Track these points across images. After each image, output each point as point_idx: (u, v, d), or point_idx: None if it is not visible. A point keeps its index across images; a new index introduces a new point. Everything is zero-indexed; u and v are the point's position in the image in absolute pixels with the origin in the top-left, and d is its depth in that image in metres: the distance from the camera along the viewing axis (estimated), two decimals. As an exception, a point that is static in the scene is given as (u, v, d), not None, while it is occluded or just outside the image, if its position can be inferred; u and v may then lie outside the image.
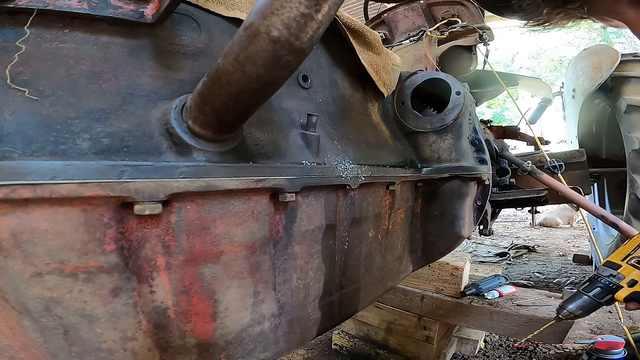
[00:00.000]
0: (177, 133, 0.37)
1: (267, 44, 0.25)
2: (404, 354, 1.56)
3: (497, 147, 1.24)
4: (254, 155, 0.44)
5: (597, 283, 0.61)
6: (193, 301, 0.41)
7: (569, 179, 1.63)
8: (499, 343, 1.79)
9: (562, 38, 11.48)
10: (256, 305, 0.47)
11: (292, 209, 0.49)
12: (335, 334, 1.74)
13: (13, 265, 0.31)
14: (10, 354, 0.36)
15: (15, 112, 0.32)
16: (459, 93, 0.85)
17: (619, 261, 0.61)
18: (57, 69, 0.36)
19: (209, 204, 0.39)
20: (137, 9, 0.40)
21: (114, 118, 0.36)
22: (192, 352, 0.43)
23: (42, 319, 0.34)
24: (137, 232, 0.36)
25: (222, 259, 0.42)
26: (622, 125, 2.06)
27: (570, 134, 2.94)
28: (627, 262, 0.60)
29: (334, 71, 0.70)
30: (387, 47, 1.03)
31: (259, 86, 0.30)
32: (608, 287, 0.59)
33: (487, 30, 1.64)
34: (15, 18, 0.35)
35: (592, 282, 0.62)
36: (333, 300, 0.62)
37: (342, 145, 0.61)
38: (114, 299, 0.36)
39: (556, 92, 3.06)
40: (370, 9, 2.26)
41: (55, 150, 0.32)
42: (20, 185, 0.29)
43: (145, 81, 0.41)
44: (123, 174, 0.32)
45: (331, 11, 0.24)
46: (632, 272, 0.59)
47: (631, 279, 0.58)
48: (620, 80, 2.10)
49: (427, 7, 1.74)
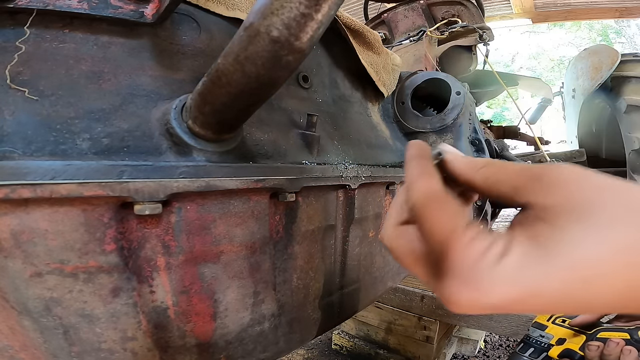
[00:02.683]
0: (177, 133, 0.37)
1: (267, 44, 0.25)
2: (404, 354, 1.56)
3: (497, 147, 1.24)
4: (254, 155, 0.44)
5: (530, 344, 0.68)
6: (193, 301, 0.41)
7: (569, 179, 1.62)
8: (499, 343, 1.79)
9: (562, 38, 11.49)
10: (256, 305, 0.47)
11: (292, 209, 0.49)
12: (335, 334, 1.74)
13: (13, 265, 0.31)
14: (10, 354, 0.36)
15: (15, 112, 0.32)
16: (459, 93, 0.85)
17: (545, 322, 0.67)
18: (57, 69, 0.36)
19: (209, 204, 0.39)
20: (137, 9, 0.40)
21: (114, 118, 0.36)
22: (192, 352, 0.43)
23: (42, 319, 0.34)
24: (137, 232, 0.36)
25: (222, 259, 0.42)
26: (622, 125, 2.06)
27: (570, 134, 2.94)
28: (552, 322, 0.67)
29: (334, 71, 0.70)
30: (387, 47, 1.03)
31: (259, 86, 0.30)
32: (540, 346, 0.66)
33: (487, 30, 1.64)
34: (15, 18, 0.35)
35: (525, 343, 0.68)
36: (333, 300, 0.62)
37: (342, 145, 0.61)
38: (114, 299, 0.36)
39: (556, 92, 3.05)
40: (370, 9, 2.26)
41: (55, 150, 0.32)
42: (20, 185, 0.29)
43: (145, 81, 0.41)
44: (123, 174, 0.32)
45: (331, 11, 0.24)
46: (558, 330, 0.65)
47: (559, 338, 0.64)
48: (620, 80, 2.10)
49: (427, 7, 1.74)
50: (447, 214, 0.25)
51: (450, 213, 0.25)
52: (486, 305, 0.22)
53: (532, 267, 0.20)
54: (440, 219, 0.25)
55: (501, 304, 0.22)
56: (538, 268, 0.20)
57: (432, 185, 0.27)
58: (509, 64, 12.49)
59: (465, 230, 0.23)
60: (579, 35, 10.95)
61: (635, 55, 2.17)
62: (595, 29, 10.45)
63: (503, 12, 4.74)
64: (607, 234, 0.20)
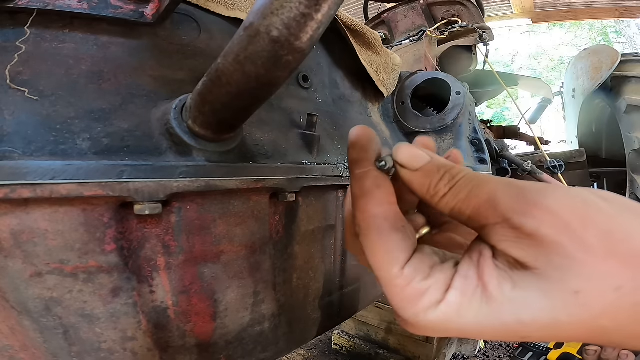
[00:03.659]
0: (177, 133, 0.37)
1: (267, 44, 0.25)
2: (404, 354, 1.56)
3: (497, 147, 1.24)
4: (254, 155, 0.44)
5: (528, 348, 0.70)
6: (193, 301, 0.41)
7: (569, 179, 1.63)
8: (499, 343, 1.79)
9: (562, 38, 11.49)
10: (256, 305, 0.47)
11: (292, 209, 0.49)
12: (335, 334, 1.74)
13: (13, 265, 0.31)
14: (10, 354, 0.36)
15: (15, 112, 0.32)
16: (459, 93, 0.85)
17: None
18: (57, 69, 0.36)
19: (209, 204, 0.39)
20: (137, 9, 0.40)
21: (114, 118, 0.36)
22: (192, 352, 0.43)
23: (42, 319, 0.34)
24: (137, 232, 0.36)
25: (222, 259, 0.42)
26: (622, 125, 2.06)
27: (570, 134, 2.94)
28: None
29: (334, 71, 0.70)
30: (387, 47, 1.03)
31: (259, 86, 0.30)
32: (538, 350, 0.68)
33: (487, 30, 1.64)
34: (15, 18, 0.35)
35: (524, 347, 0.70)
36: (333, 300, 0.62)
37: (342, 145, 0.61)
38: (114, 299, 0.36)
39: (556, 92, 3.06)
40: (370, 9, 2.26)
41: (55, 150, 0.32)
42: (20, 185, 0.29)
43: (145, 81, 0.41)
44: (123, 174, 0.32)
45: (331, 11, 0.24)
46: None
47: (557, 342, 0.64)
48: (620, 80, 2.10)
49: (427, 7, 1.74)
50: (384, 251, 0.23)
51: (387, 249, 0.23)
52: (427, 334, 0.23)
53: (467, 316, 0.21)
54: (376, 255, 0.24)
55: (441, 335, 0.23)
56: (474, 318, 0.20)
57: (369, 212, 0.24)
58: (509, 64, 12.49)
59: (401, 274, 0.23)
60: (579, 35, 10.95)
61: (635, 55, 2.17)
62: (595, 29, 10.45)
63: (503, 12, 4.74)
64: None
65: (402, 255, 0.23)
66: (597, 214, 0.18)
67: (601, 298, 0.18)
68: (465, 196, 0.22)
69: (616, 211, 0.19)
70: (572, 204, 0.19)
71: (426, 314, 0.21)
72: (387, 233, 0.24)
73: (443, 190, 0.23)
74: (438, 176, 0.23)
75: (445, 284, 0.22)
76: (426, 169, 0.24)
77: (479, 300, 0.20)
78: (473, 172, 0.23)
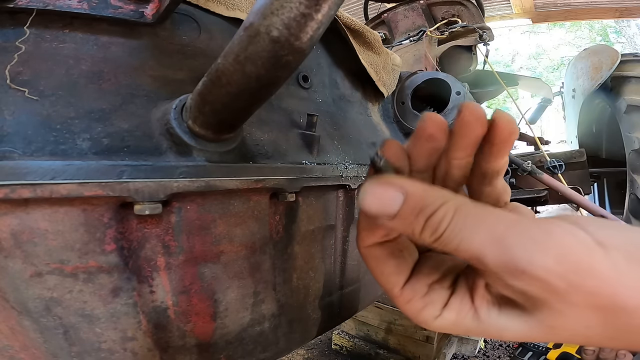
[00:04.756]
0: (177, 133, 0.37)
1: (267, 44, 0.25)
2: (404, 354, 1.56)
3: (497, 147, 1.24)
4: (254, 155, 0.44)
5: (528, 348, 0.71)
6: (193, 301, 0.41)
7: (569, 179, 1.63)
8: (499, 343, 1.79)
9: (562, 38, 11.48)
10: (256, 305, 0.47)
11: (292, 209, 0.49)
12: (335, 334, 1.75)
13: (13, 265, 0.31)
14: (10, 354, 0.36)
15: (15, 112, 0.32)
16: (459, 93, 0.85)
17: None
18: (57, 69, 0.36)
19: (209, 204, 0.39)
20: (137, 9, 0.40)
21: (114, 118, 0.36)
22: (192, 352, 0.43)
23: (42, 319, 0.34)
24: (137, 232, 0.36)
25: (222, 259, 0.42)
26: (622, 125, 2.06)
27: (570, 134, 2.94)
28: None
29: (334, 71, 0.70)
30: (387, 47, 1.03)
31: (259, 86, 0.30)
32: (538, 350, 0.69)
33: (487, 30, 1.64)
34: (15, 18, 0.35)
35: (524, 347, 0.71)
36: (333, 300, 0.62)
37: (342, 145, 0.61)
38: (114, 299, 0.36)
39: (556, 92, 3.05)
40: (370, 9, 2.26)
41: (55, 150, 0.32)
42: (20, 185, 0.29)
43: (145, 81, 0.41)
44: (123, 174, 0.32)
45: (331, 11, 0.24)
46: None
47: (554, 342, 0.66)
48: (620, 80, 2.10)
49: (427, 7, 1.74)
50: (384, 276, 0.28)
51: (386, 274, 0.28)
52: None
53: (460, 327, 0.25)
54: (378, 279, 0.28)
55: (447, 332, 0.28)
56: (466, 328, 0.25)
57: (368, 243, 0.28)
58: (509, 64, 12.48)
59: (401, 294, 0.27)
60: (579, 35, 10.95)
61: (635, 55, 2.17)
62: (595, 29, 10.45)
63: (503, 12, 4.74)
64: None
65: (400, 279, 0.27)
66: (587, 278, 0.20)
67: (573, 332, 0.22)
68: (454, 249, 0.22)
69: (610, 266, 0.20)
70: (563, 270, 0.20)
71: (428, 322, 0.26)
72: (383, 261, 0.28)
73: (429, 240, 0.23)
74: (418, 225, 0.22)
75: (442, 303, 0.26)
76: (402, 216, 0.23)
77: (470, 319, 0.25)
78: (454, 213, 0.22)
